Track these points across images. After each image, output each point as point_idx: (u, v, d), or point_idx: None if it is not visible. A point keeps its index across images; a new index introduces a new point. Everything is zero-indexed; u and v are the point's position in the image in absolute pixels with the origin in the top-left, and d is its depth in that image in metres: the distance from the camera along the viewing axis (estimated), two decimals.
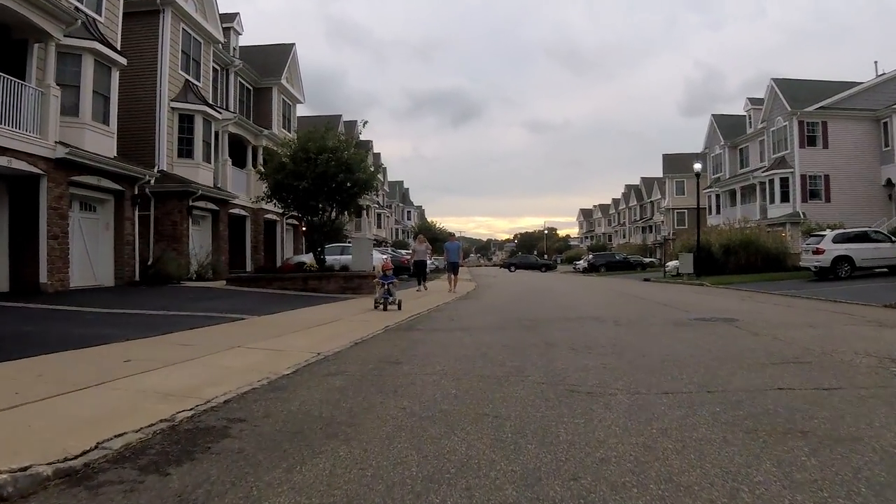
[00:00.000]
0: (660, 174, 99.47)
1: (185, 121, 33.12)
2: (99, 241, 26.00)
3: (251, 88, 45.39)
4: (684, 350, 9.59)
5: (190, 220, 32.00)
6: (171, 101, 32.40)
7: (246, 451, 4.73)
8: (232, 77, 42.08)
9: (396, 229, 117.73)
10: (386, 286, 17.71)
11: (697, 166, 47.05)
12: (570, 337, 11.47)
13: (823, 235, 35.45)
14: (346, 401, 6.36)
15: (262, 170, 29.07)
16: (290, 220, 43.69)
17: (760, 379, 7.28)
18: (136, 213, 27.55)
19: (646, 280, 47.41)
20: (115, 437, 4.91)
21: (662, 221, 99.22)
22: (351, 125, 56.87)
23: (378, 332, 12.82)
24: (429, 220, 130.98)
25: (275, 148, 29.52)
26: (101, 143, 24.85)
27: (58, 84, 22.42)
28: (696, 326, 13.00)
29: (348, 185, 26.38)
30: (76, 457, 4.43)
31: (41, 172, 21.49)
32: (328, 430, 5.33)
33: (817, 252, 34.39)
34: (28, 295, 19.79)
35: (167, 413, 5.74)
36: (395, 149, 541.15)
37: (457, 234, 32.86)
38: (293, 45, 50.20)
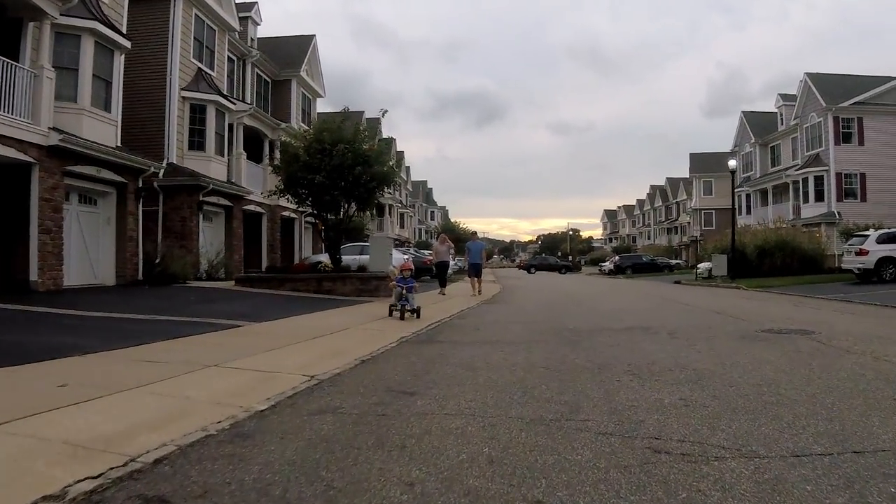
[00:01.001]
0: (686, 174, 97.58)
1: (197, 111, 31.38)
2: (99, 237, 24.26)
3: (269, 81, 43.66)
4: (778, 377, 7.57)
5: (201, 216, 30.25)
6: (182, 89, 30.66)
7: None
8: (249, 68, 40.30)
9: (420, 229, 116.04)
10: (404, 290, 15.47)
11: (732, 163, 44.93)
12: (623, 355, 9.52)
13: (866, 236, 33.62)
14: (328, 464, 4.34)
15: (276, 163, 27.09)
16: (308, 218, 41.84)
17: None
18: (140, 207, 25.76)
19: (676, 283, 45.48)
20: None
21: (689, 222, 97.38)
22: (374, 122, 55.38)
23: (391, 345, 10.95)
24: (452, 220, 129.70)
25: (289, 140, 27.61)
26: (102, 130, 23.08)
27: (55, 67, 20.79)
28: (770, 341, 10.96)
29: (366, 178, 24.49)
30: None
31: (32, 161, 19.73)
32: None
33: (861, 253, 32.71)
34: (15, 294, 17.98)
35: (55, 486, 3.82)
36: (419, 149, 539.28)
37: (480, 235, 30.36)
38: (313, 36, 48.34)
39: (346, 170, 23.92)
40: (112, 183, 24.28)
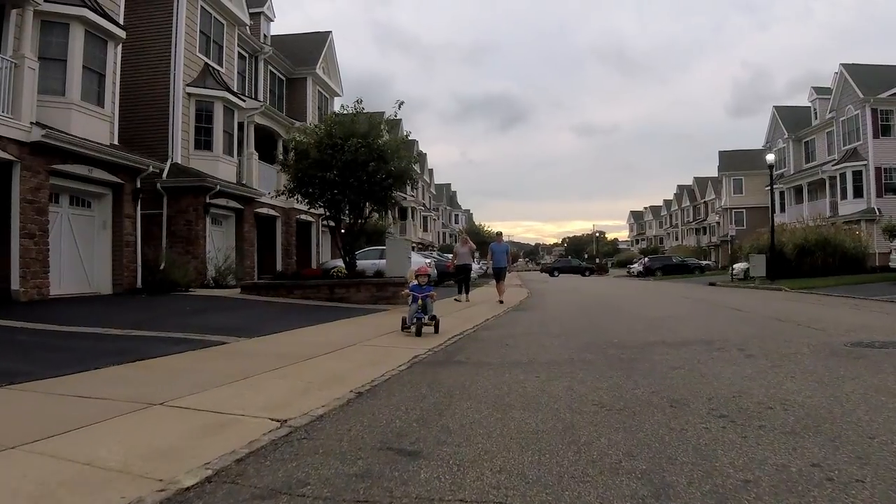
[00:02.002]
0: (714, 173, 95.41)
1: (204, 108, 29.56)
2: (94, 242, 22.47)
3: (284, 79, 41.82)
4: None
5: (207, 220, 28.42)
6: (188, 85, 28.85)
7: None
8: (262, 65, 38.45)
9: (443, 233, 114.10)
10: (420, 300, 13.03)
11: (770, 157, 42.63)
12: (695, 383, 7.45)
13: None
14: None
15: (284, 160, 25.07)
16: (326, 222, 39.91)
17: None
18: (139, 209, 23.88)
19: (711, 284, 43.48)
20: None
21: (718, 222, 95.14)
22: (395, 123, 53.58)
23: (400, 368, 8.96)
24: (476, 223, 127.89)
25: (299, 137, 25.68)
26: (94, 127, 21.27)
27: (41, 58, 19.14)
28: (870, 359, 8.83)
29: (381, 176, 22.55)
30: None
31: (13, 159, 17.92)
32: None
33: None
34: None
35: None
36: (444, 153, 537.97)
37: (505, 238, 27.90)
38: (329, 33, 46.44)
39: (360, 166, 21.98)
40: (107, 184, 22.47)
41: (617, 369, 8.48)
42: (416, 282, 13.46)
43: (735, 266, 48.35)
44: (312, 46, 44.44)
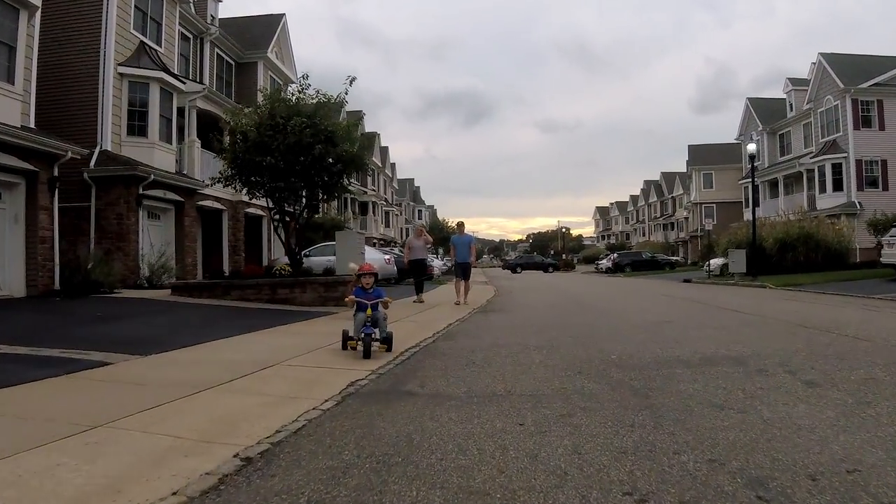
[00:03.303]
0: (682, 168, 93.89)
1: (138, 90, 26.70)
2: (6, 238, 19.67)
3: (233, 63, 38.92)
4: None
5: (141, 213, 25.66)
6: (120, 65, 25.97)
7: None
8: (208, 48, 35.57)
9: (406, 228, 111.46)
10: (367, 311, 9.59)
11: (752, 147, 40.65)
12: (770, 440, 4.86)
13: None
14: None
15: (222, 144, 22.17)
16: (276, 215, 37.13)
17: None
18: (56, 201, 21.01)
19: (686, 281, 41.39)
20: None
21: (686, 217, 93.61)
22: (355, 115, 50.85)
23: (325, 406, 6.38)
24: (440, 218, 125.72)
25: (239, 119, 22.85)
26: (1, 107, 18.59)
27: None
28: None
29: (329, 160, 19.92)
30: None
31: None
32: None
33: None
34: None
35: None
36: (408, 149, 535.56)
37: (473, 237, 24.58)
38: (283, 15, 43.48)
39: (305, 149, 19.34)
40: (18, 171, 19.73)
41: (635, 409, 5.90)
42: (359, 286, 10.08)
43: (711, 262, 46.21)
44: (264, 29, 41.59)
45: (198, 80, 32.68)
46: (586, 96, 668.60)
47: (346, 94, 21.09)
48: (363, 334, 9.49)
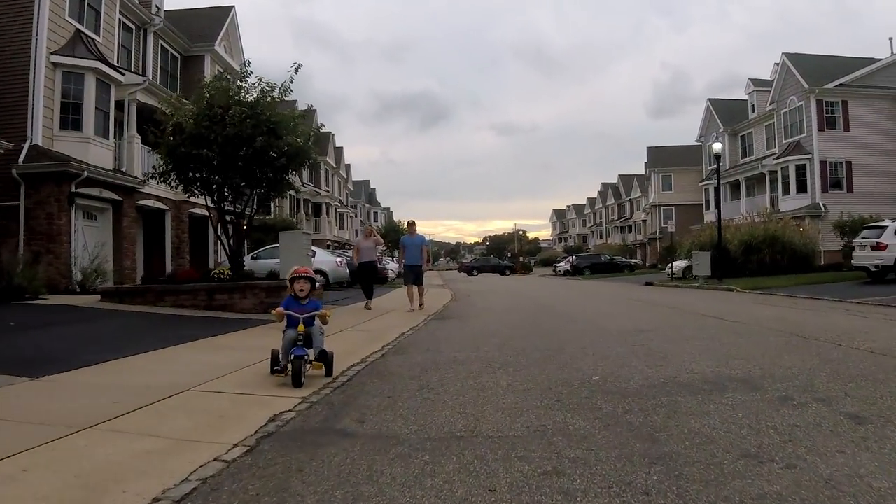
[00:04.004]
0: (640, 171, 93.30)
1: (72, 81, 24.86)
2: None
3: (179, 56, 36.97)
4: None
5: (74, 213, 23.85)
6: (53, 53, 24.14)
7: None
8: (152, 39, 33.62)
9: (361, 231, 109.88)
10: (299, 326, 7.71)
11: (717, 146, 39.54)
12: None
13: (883, 227, 28.59)
14: None
15: (156, 136, 20.33)
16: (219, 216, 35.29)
17: None
18: None
19: (649, 284, 40.41)
20: None
21: (644, 220, 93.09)
22: (311, 115, 49.17)
23: (227, 458, 4.85)
24: (396, 220, 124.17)
25: (172, 110, 21.04)
26: None
27: None
28: None
29: (272, 153, 18.29)
30: None
31: None
32: None
33: (878, 248, 27.67)
34: None
35: None
36: (364, 153, 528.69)
37: (426, 238, 22.64)
38: (232, 7, 41.54)
39: (245, 142, 17.71)
40: None
41: (643, 462, 4.40)
42: (291, 295, 8.11)
43: (673, 264, 45.16)
44: (212, 22, 39.67)
45: (140, 73, 30.85)
46: (543, 99, 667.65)
47: (292, 81, 19.43)
48: (293, 356, 7.53)
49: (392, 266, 49.46)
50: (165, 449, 5.00)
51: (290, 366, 7.53)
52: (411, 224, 21.09)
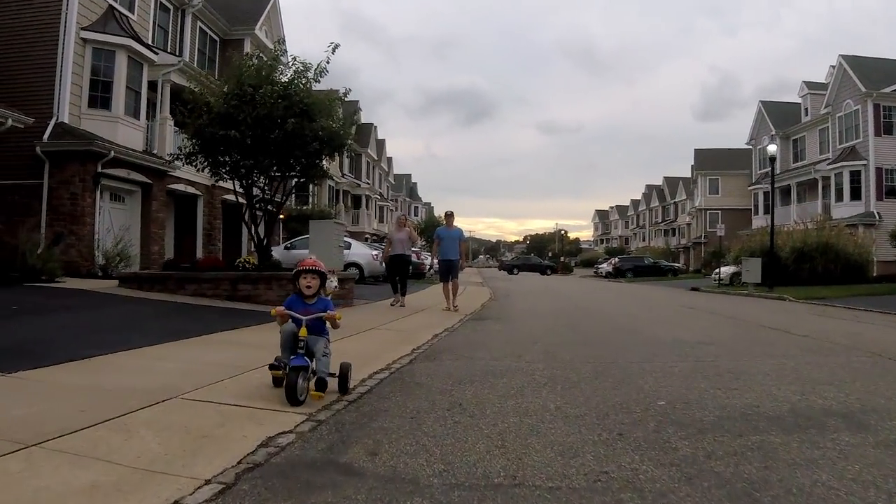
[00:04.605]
0: (686, 173, 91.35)
1: (103, 58, 23.97)
2: None
3: (218, 39, 36.03)
4: None
5: (99, 194, 22.95)
6: (83, 29, 23.30)
7: None
8: (189, 20, 32.72)
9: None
10: (303, 328, 6.21)
11: (772, 148, 37.79)
12: None
13: None
14: None
15: (184, 116, 19.20)
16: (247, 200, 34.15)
17: None
18: None
19: (694, 290, 38.54)
20: None
21: (689, 224, 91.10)
22: (351, 105, 48.03)
23: (199, 495, 3.65)
24: (437, 216, 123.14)
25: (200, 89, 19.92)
26: None
27: None
28: None
29: (307, 135, 17.09)
30: None
31: None
32: None
33: None
34: None
35: None
36: (407, 147, 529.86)
37: (466, 235, 21.07)
38: None
39: (276, 123, 16.58)
40: None
41: None
42: (296, 292, 6.61)
43: (722, 269, 43.64)
44: (254, 5, 38.61)
45: (176, 54, 29.88)
46: (589, 99, 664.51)
47: (328, 62, 18.27)
48: (289, 366, 6.01)
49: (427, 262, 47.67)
50: (116, 484, 3.80)
51: (283, 375, 6.17)
52: (449, 215, 19.60)
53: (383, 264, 20.38)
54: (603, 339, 11.77)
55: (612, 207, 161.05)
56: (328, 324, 6.58)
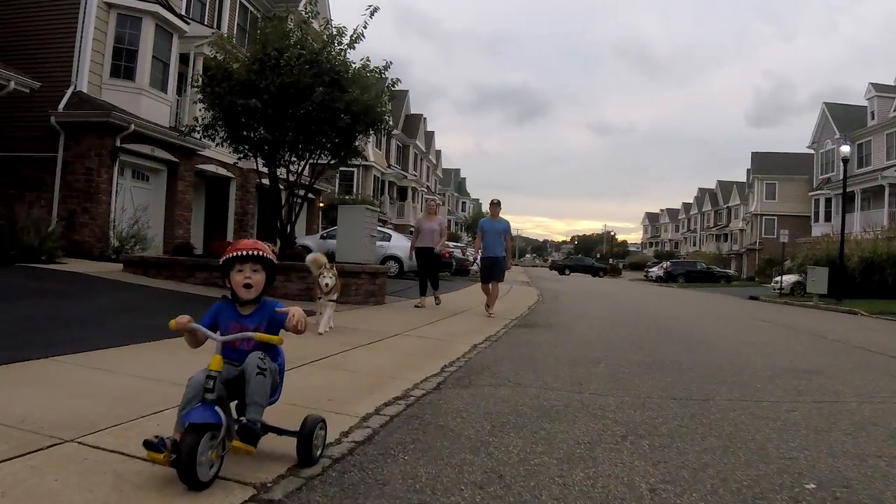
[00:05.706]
0: (740, 178, 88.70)
1: (128, 25, 22.22)
2: None
3: (259, 15, 34.22)
4: None
5: (116, 170, 21.15)
6: None
7: None
8: None
9: (449, 220, 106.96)
10: (214, 360, 3.52)
11: (845, 149, 35.25)
12: None
13: None
14: None
15: (201, 84, 17.17)
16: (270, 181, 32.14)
17: None
18: None
19: (753, 298, 36.25)
20: None
21: (742, 229, 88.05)
22: (400, 95, 46.16)
23: None
24: (485, 212, 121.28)
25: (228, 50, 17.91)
26: None
27: None
28: None
29: (337, 107, 14.95)
30: None
31: None
32: None
33: None
34: None
35: None
36: (458, 142, 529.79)
37: (513, 233, 17.03)
38: None
39: (303, 92, 14.55)
40: None
41: None
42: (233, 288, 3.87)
43: (785, 278, 41.12)
44: None
45: (212, 27, 28.07)
46: (642, 101, 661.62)
47: (366, 27, 16.22)
48: (185, 424, 3.34)
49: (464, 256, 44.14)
50: None
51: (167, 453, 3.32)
52: (495, 204, 16.21)
53: (412, 258, 17.66)
54: (679, 361, 9.39)
55: (662, 210, 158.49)
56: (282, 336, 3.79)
